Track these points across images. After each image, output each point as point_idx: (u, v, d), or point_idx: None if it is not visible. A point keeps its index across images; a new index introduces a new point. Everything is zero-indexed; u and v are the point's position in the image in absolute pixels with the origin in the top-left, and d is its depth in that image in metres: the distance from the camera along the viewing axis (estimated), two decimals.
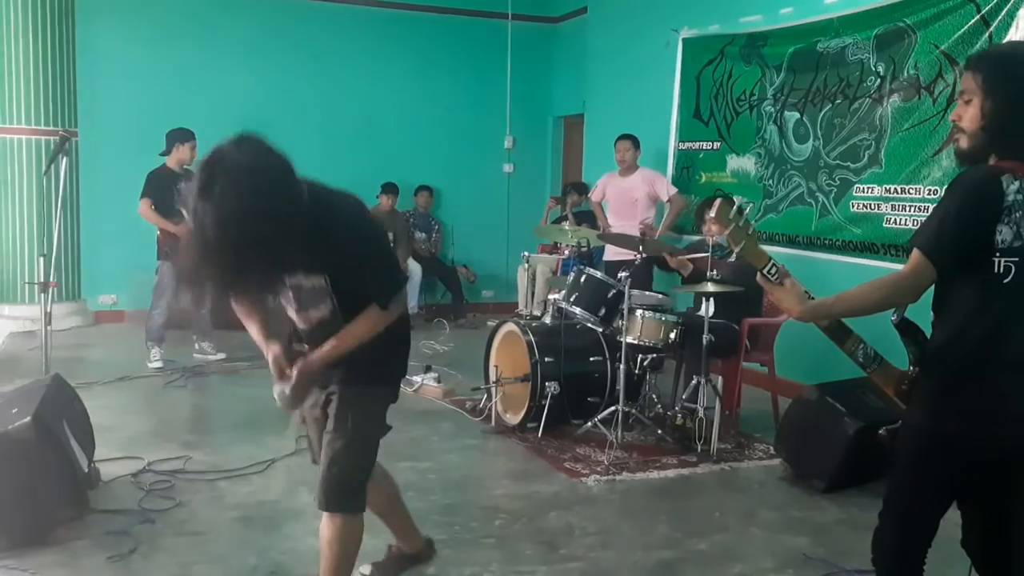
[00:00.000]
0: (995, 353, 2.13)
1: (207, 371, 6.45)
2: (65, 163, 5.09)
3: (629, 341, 4.84)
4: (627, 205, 6.82)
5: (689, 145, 7.12)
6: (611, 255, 6.67)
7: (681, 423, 4.85)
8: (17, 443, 3.31)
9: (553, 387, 4.87)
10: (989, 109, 2.13)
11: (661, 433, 4.88)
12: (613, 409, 4.82)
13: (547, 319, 5.41)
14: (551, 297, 5.51)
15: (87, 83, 8.00)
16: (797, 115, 6.01)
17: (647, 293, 5.38)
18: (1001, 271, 2.11)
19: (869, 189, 5.44)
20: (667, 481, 4.41)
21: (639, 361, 5.03)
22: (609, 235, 6.26)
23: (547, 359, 4.93)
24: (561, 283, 5.46)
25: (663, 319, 4.90)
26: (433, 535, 3.40)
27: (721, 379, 5.00)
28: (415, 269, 8.55)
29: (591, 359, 5.10)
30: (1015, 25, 4.54)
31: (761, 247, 2.34)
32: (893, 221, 5.26)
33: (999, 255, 2.10)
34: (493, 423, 5.16)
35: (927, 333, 2.29)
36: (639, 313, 4.88)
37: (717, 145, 6.81)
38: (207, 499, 3.97)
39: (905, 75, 5.20)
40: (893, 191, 5.26)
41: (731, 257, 5.02)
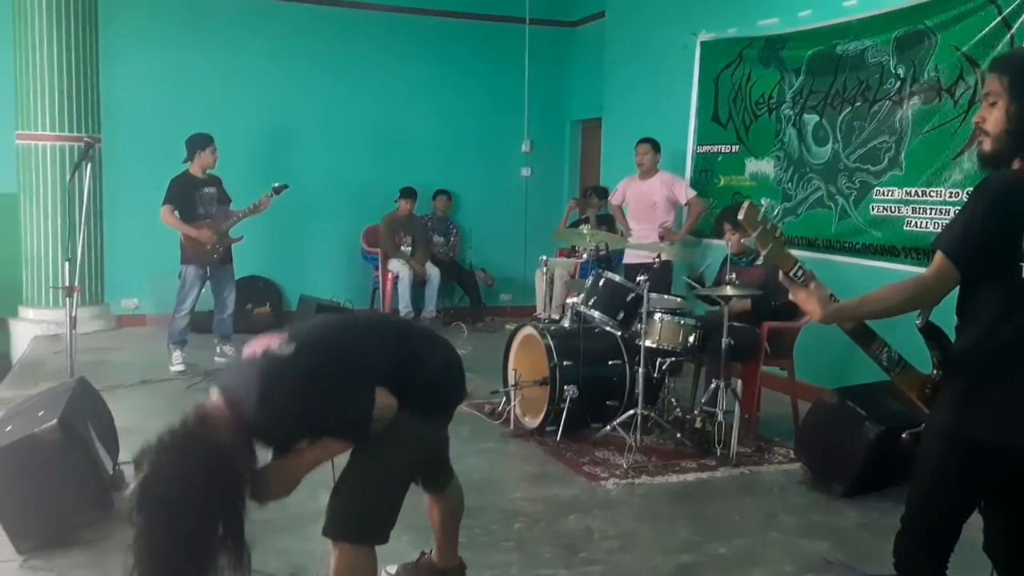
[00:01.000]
0: (1019, 357, 2.12)
1: None
2: (89, 169, 5.14)
3: (648, 345, 4.83)
4: (646, 208, 6.82)
5: (707, 148, 7.11)
6: (630, 258, 6.68)
7: (700, 427, 4.84)
8: (44, 445, 3.35)
9: (572, 390, 4.87)
10: (1015, 112, 2.13)
11: (680, 437, 4.88)
12: (632, 413, 4.82)
13: (565, 323, 5.42)
14: (569, 301, 5.53)
15: (110, 90, 8.08)
16: (816, 118, 5.99)
17: (666, 296, 5.37)
18: None
19: (889, 192, 5.41)
20: (686, 485, 4.41)
21: (658, 364, 5.03)
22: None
23: (566, 363, 4.94)
24: (579, 286, 5.46)
25: (682, 322, 4.89)
26: None
27: (740, 383, 4.99)
28: (433, 273, 8.59)
29: (610, 363, 5.10)
30: None
31: (788, 250, 2.34)
32: (913, 224, 5.23)
33: None
34: (512, 426, 5.17)
35: (951, 337, 2.29)
36: (658, 316, 4.88)
37: (736, 148, 6.80)
38: None
39: (925, 77, 5.17)
40: (913, 194, 5.23)
41: (758, 261, 5.02)
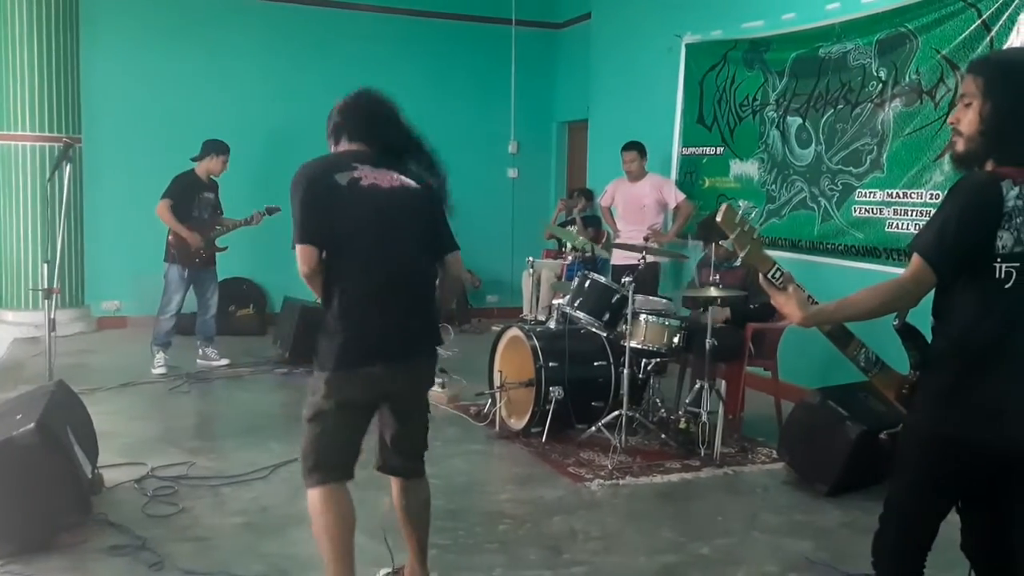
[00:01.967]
0: (996, 357, 2.13)
1: (211, 377, 6.45)
2: (69, 169, 5.10)
3: (633, 345, 4.84)
4: (636, 211, 6.84)
5: (692, 150, 7.13)
6: (617, 259, 6.70)
7: (685, 427, 4.85)
8: (21, 449, 3.32)
9: (557, 392, 4.87)
10: (988, 112, 2.14)
11: (665, 437, 4.88)
12: (617, 414, 4.82)
13: (551, 324, 5.42)
14: (556, 302, 5.53)
15: (90, 89, 8.03)
16: (799, 120, 6.01)
17: (651, 298, 5.38)
18: (1002, 276, 2.11)
19: (871, 194, 5.44)
20: (670, 485, 4.41)
21: (643, 365, 5.04)
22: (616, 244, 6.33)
23: (551, 364, 4.94)
24: (566, 288, 5.46)
25: (667, 323, 4.90)
26: (437, 540, 3.40)
27: (724, 383, 5.01)
28: None
29: (595, 364, 5.10)
30: (1016, 30, 4.54)
31: (766, 252, 2.35)
32: (895, 226, 5.26)
33: (1000, 260, 2.10)
34: (497, 428, 5.17)
35: (927, 338, 2.30)
36: (643, 318, 4.89)
37: (720, 150, 6.82)
38: (210, 505, 3.97)
39: (907, 80, 5.20)
40: (895, 196, 5.26)
41: (737, 262, 5.03)
